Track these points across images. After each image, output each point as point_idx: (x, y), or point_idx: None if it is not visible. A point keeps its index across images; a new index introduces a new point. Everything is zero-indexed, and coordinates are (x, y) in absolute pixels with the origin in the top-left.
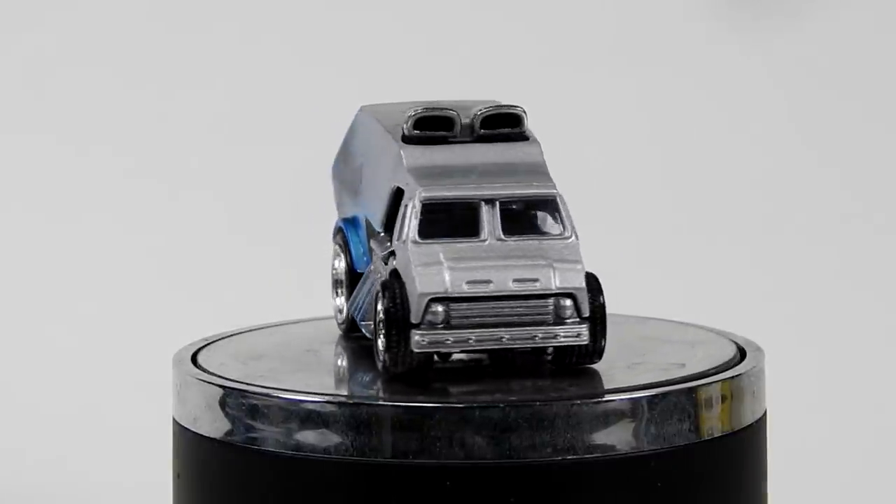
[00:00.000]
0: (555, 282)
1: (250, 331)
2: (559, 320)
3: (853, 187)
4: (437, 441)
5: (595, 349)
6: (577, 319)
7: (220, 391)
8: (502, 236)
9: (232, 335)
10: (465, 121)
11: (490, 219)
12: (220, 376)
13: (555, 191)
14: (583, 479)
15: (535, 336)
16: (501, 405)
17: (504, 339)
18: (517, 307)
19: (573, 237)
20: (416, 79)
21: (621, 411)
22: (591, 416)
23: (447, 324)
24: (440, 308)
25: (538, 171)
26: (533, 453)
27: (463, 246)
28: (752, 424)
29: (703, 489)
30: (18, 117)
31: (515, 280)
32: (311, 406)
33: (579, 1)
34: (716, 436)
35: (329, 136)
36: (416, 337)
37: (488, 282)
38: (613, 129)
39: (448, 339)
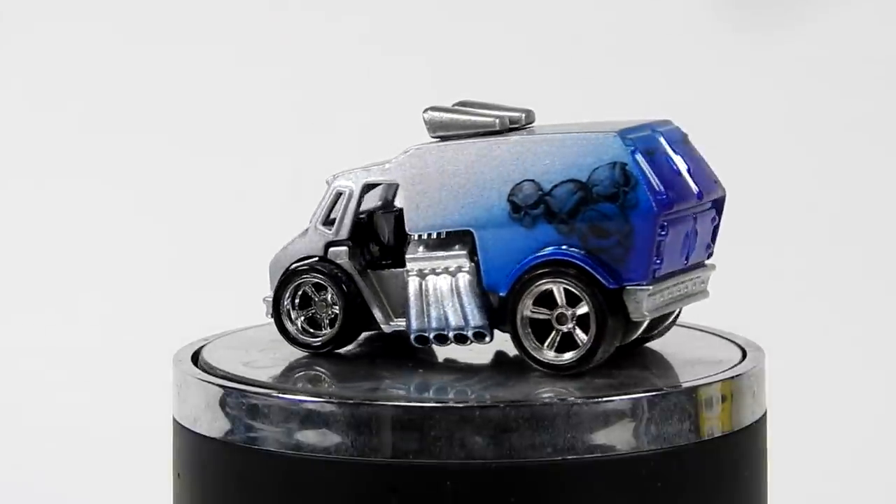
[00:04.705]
0: None
1: (250, 330)
2: None
3: (854, 188)
4: (437, 441)
5: None
6: None
7: (220, 391)
8: None
9: (231, 334)
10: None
11: None
12: (220, 376)
13: (333, 185)
14: (583, 479)
15: None
16: (501, 405)
17: None
18: None
19: (309, 227)
20: (421, 81)
21: (621, 411)
22: (591, 416)
23: None
24: None
25: (377, 167)
26: (533, 453)
27: None
28: (752, 424)
29: (703, 489)
30: (19, 116)
31: None
32: (311, 406)
33: (585, 2)
34: (716, 436)
35: (329, 137)
36: None
37: None
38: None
39: None
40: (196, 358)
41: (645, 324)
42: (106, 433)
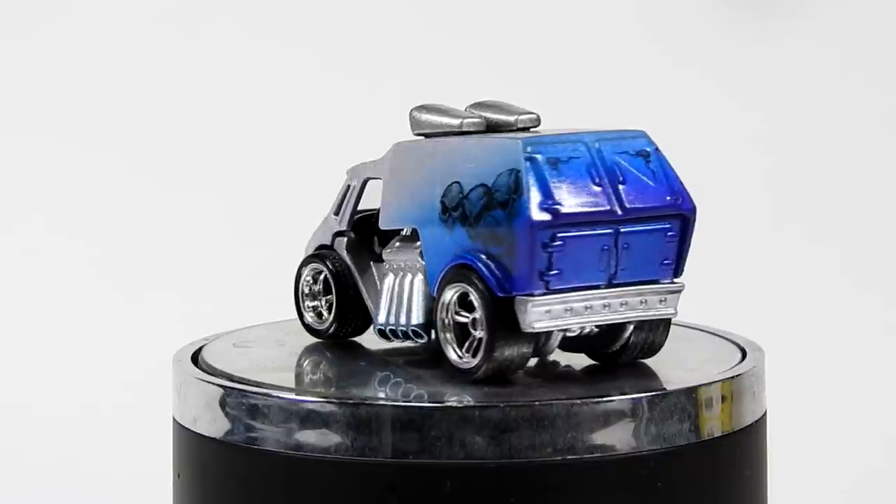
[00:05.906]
0: None
1: (250, 330)
2: None
3: (854, 186)
4: (437, 441)
5: None
6: None
7: (220, 391)
8: None
9: (231, 334)
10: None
11: None
12: (220, 376)
13: (347, 177)
14: (583, 479)
15: None
16: (501, 405)
17: None
18: None
19: (327, 215)
20: (424, 80)
21: (621, 411)
22: (591, 416)
23: None
24: None
25: (371, 163)
26: (533, 453)
27: None
28: (752, 424)
29: (703, 489)
30: (17, 117)
31: None
32: (311, 406)
33: (587, 2)
34: (716, 436)
35: (328, 137)
36: None
37: None
38: (616, 127)
39: None
40: (196, 358)
41: (557, 338)
42: (106, 433)
